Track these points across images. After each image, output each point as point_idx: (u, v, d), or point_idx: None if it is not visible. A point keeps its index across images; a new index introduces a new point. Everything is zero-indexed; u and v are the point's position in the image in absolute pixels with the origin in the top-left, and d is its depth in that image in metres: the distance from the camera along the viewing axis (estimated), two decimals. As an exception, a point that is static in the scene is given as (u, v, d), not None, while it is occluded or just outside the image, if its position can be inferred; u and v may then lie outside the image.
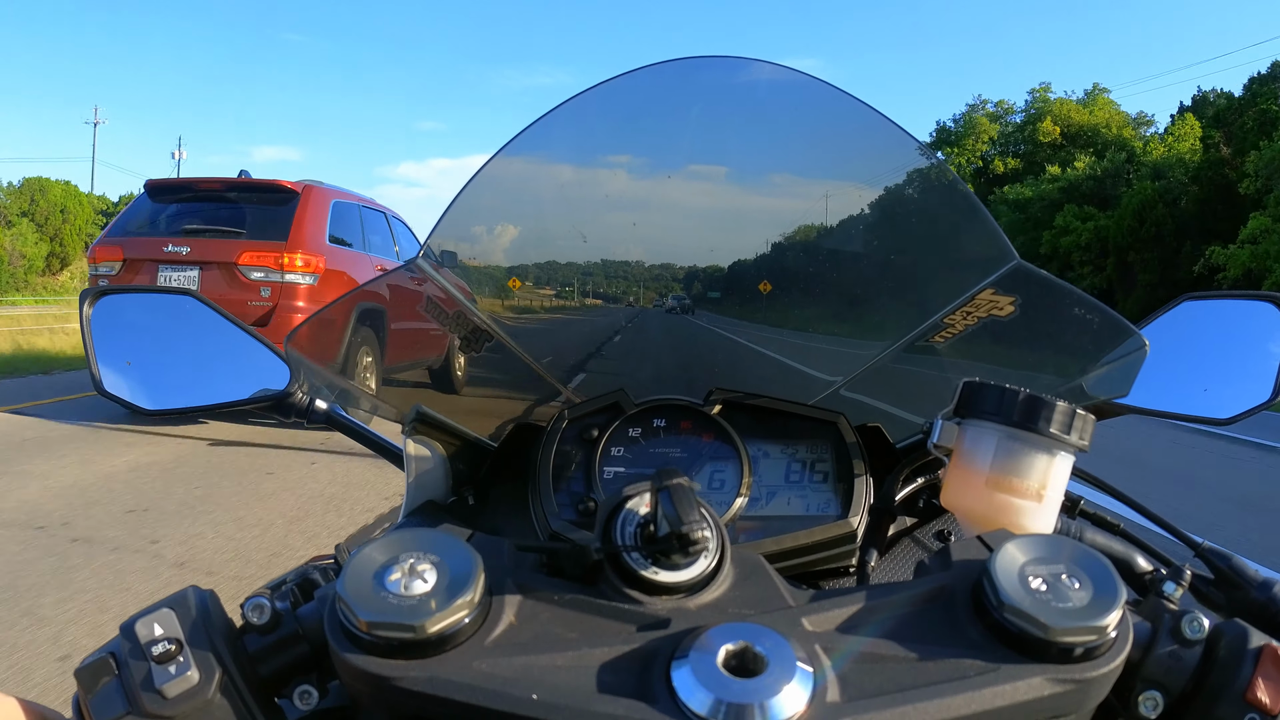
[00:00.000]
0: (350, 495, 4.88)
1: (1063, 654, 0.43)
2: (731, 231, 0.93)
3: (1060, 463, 0.62)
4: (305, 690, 0.50)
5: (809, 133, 0.89)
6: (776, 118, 0.88)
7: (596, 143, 0.88)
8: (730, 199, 0.90)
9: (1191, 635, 0.50)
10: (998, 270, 0.77)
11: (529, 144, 0.78)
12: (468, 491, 0.89)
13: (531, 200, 0.90)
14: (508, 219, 0.91)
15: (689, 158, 0.89)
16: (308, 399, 0.91)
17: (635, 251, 0.96)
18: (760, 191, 0.91)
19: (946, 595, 0.48)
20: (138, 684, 0.46)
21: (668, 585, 0.48)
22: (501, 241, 0.92)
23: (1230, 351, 0.91)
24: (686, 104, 0.86)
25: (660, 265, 0.98)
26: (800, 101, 0.83)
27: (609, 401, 0.86)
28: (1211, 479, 6.84)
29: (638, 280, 0.98)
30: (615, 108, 0.82)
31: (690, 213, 0.91)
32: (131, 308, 0.92)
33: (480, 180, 0.78)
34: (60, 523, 4.10)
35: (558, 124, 0.78)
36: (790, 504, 0.85)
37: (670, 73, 0.80)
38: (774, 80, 0.82)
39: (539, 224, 0.93)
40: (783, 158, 0.91)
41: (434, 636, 0.42)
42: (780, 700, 0.40)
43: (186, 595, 0.50)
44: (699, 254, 0.96)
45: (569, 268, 0.97)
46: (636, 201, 0.88)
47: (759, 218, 0.91)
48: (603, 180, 0.86)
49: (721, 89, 0.85)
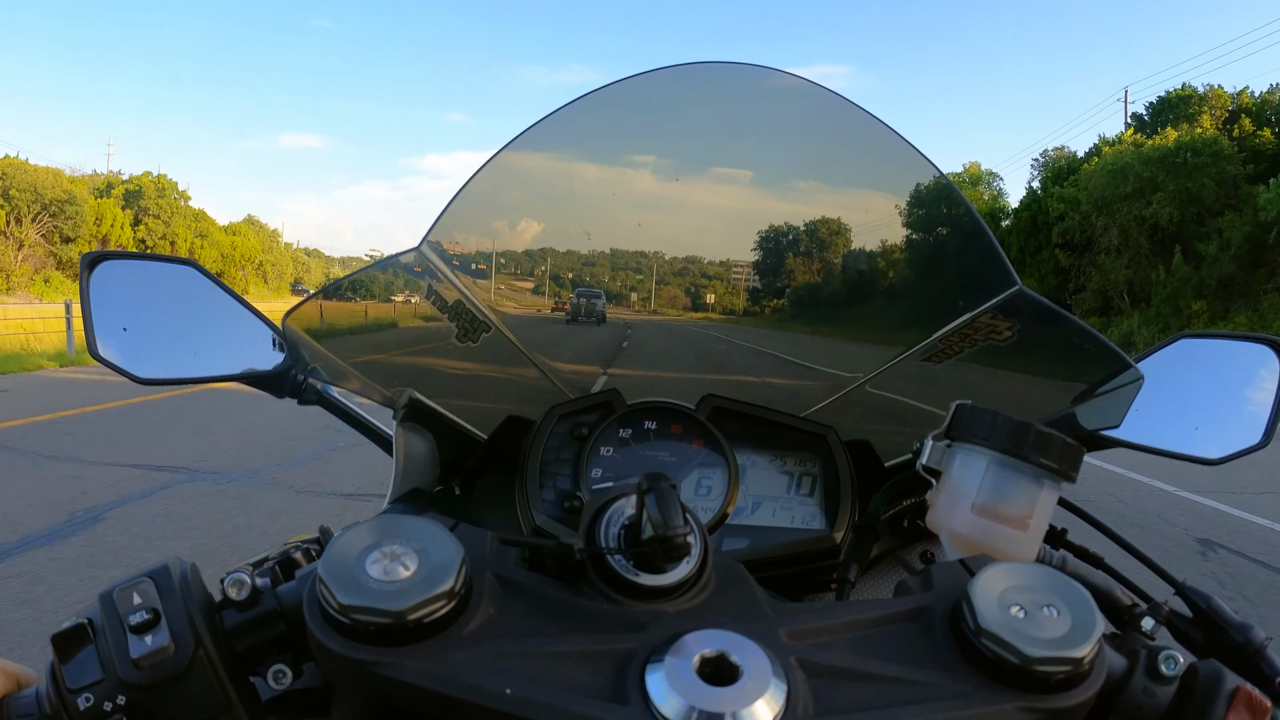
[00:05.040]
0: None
1: (1037, 683, 0.43)
2: (746, 236, 0.93)
3: (1047, 493, 0.62)
4: (280, 670, 0.50)
5: (829, 145, 0.89)
6: (799, 128, 0.88)
7: (617, 140, 0.87)
8: (752, 203, 0.90)
9: (1167, 672, 0.50)
10: (999, 295, 0.77)
11: (544, 139, 0.78)
12: (455, 481, 0.89)
13: (545, 195, 0.89)
14: (519, 213, 0.90)
15: (713, 160, 0.88)
16: (302, 378, 0.90)
17: (651, 248, 0.96)
18: (783, 198, 0.91)
19: (925, 616, 0.48)
20: (113, 652, 0.46)
21: (648, 588, 0.48)
22: (515, 234, 0.92)
23: (1224, 392, 0.91)
24: (711, 107, 0.86)
25: (685, 259, 0.98)
26: (821, 114, 0.83)
27: (601, 400, 0.86)
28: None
29: (655, 279, 0.98)
30: (637, 106, 0.82)
31: (716, 214, 0.90)
32: (131, 274, 0.92)
33: (497, 172, 0.78)
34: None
35: (575, 119, 0.78)
36: (775, 515, 0.85)
37: (692, 75, 0.80)
38: (798, 90, 0.81)
39: (553, 219, 0.93)
40: (805, 167, 0.91)
41: (411, 624, 0.42)
42: (752, 711, 0.40)
43: (167, 566, 0.50)
44: (716, 253, 0.96)
45: (579, 263, 0.97)
46: (657, 201, 0.88)
47: (777, 223, 0.91)
48: (624, 179, 0.86)
49: (746, 95, 0.85)
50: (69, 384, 11.05)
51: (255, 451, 6.74)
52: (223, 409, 8.67)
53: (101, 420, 8.11)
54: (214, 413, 8.54)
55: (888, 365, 0.89)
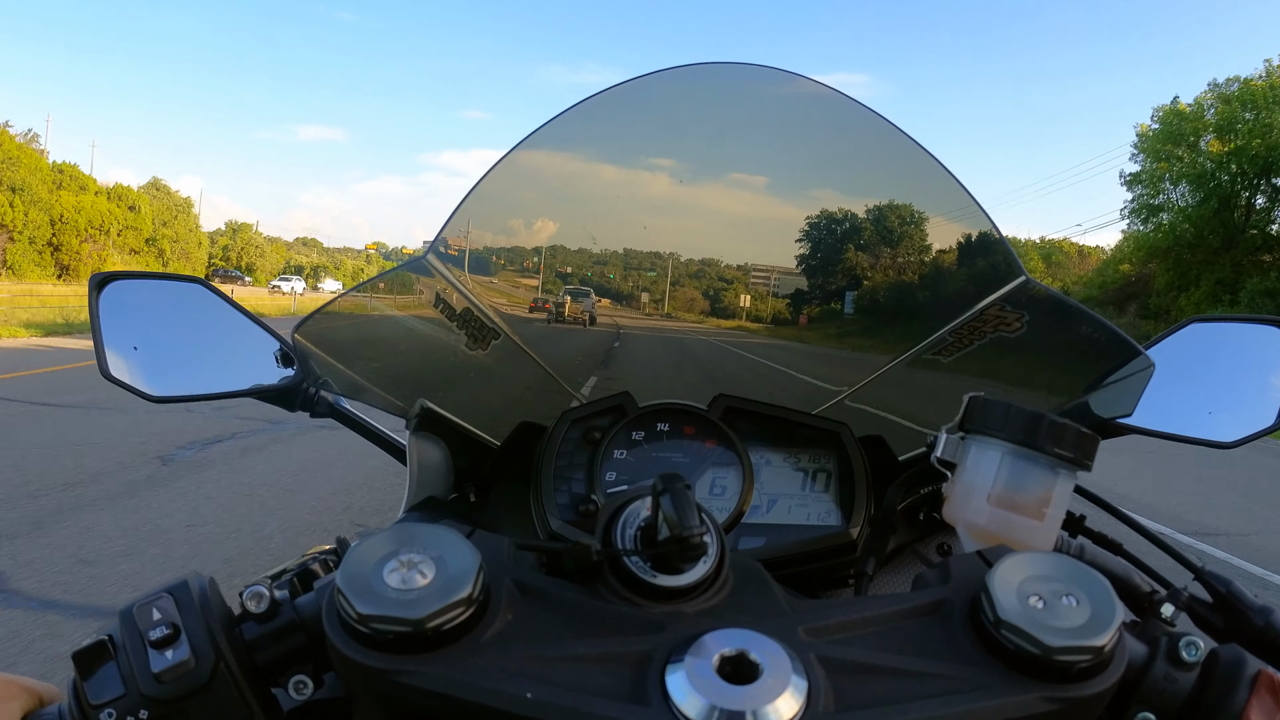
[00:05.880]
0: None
1: (1058, 672, 0.43)
2: (766, 242, 0.92)
3: (1063, 482, 0.62)
4: (301, 680, 0.50)
5: (846, 151, 0.88)
6: (816, 133, 0.87)
7: (633, 139, 0.87)
8: (769, 209, 0.89)
9: (1188, 658, 0.49)
10: (1006, 286, 0.77)
11: (560, 137, 0.78)
12: (469, 488, 0.89)
13: (558, 193, 0.88)
14: (532, 211, 0.89)
15: (731, 165, 0.88)
16: (314, 390, 0.90)
17: (666, 250, 0.95)
18: (800, 205, 0.90)
19: (944, 609, 0.48)
20: (134, 667, 0.46)
21: (666, 589, 0.48)
22: (531, 232, 0.91)
23: (1236, 375, 0.91)
24: (728, 109, 0.85)
25: (702, 261, 0.97)
26: (838, 119, 0.82)
27: (613, 403, 0.86)
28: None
29: (670, 280, 0.97)
30: (654, 105, 0.82)
31: (729, 219, 0.90)
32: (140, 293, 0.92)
33: (512, 170, 0.78)
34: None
35: (591, 116, 0.77)
36: (791, 512, 0.85)
37: (708, 75, 0.79)
38: (815, 96, 0.80)
39: (566, 217, 0.92)
40: (824, 174, 0.91)
41: (430, 631, 0.42)
42: (773, 708, 0.40)
43: (186, 581, 0.50)
44: (734, 257, 0.95)
45: (591, 262, 0.96)
46: (672, 203, 0.87)
47: (794, 230, 0.90)
48: (640, 179, 0.85)
49: (763, 98, 0.84)
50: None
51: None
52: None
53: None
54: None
55: (898, 360, 0.89)
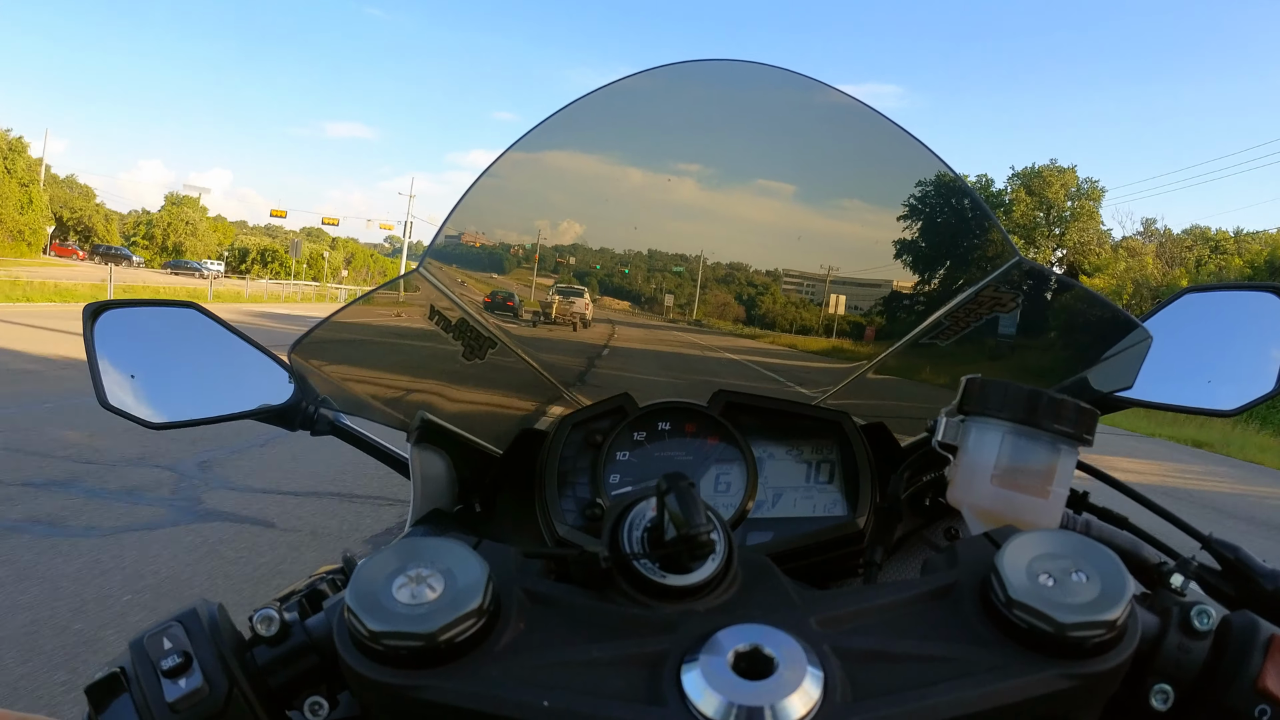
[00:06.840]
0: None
1: (1072, 649, 0.43)
2: (797, 250, 0.91)
3: (1065, 458, 0.62)
4: (316, 701, 0.50)
5: (871, 162, 0.87)
6: (843, 143, 0.87)
7: (658, 140, 0.86)
8: (795, 219, 0.88)
9: (1201, 627, 0.49)
10: (1000, 267, 0.77)
11: (574, 131, 0.77)
12: (474, 499, 0.89)
13: (574, 191, 0.88)
14: (547, 209, 0.89)
15: (758, 172, 0.87)
16: (313, 409, 0.90)
17: (693, 252, 0.95)
18: (830, 215, 0.89)
19: (954, 592, 0.48)
20: (148, 698, 0.46)
21: (676, 589, 0.48)
22: (555, 231, 0.91)
23: (1233, 343, 0.91)
24: (749, 113, 0.85)
25: (729, 265, 0.96)
26: (859, 128, 0.81)
27: (613, 405, 0.86)
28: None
29: (699, 284, 0.96)
30: (672, 100, 0.81)
31: (758, 226, 0.89)
32: (135, 321, 0.92)
33: (525, 166, 0.77)
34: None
35: (606, 108, 0.77)
36: (797, 505, 0.85)
37: (728, 73, 0.79)
38: (839, 105, 0.79)
39: (588, 216, 0.91)
40: (850, 185, 0.90)
41: (443, 644, 0.42)
42: (791, 701, 0.40)
43: (195, 609, 0.50)
44: (762, 262, 0.94)
45: (614, 262, 0.96)
46: (696, 206, 0.87)
47: (822, 239, 0.90)
48: (659, 180, 0.84)
49: (790, 106, 0.84)
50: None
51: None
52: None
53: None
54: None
55: (897, 345, 0.89)
